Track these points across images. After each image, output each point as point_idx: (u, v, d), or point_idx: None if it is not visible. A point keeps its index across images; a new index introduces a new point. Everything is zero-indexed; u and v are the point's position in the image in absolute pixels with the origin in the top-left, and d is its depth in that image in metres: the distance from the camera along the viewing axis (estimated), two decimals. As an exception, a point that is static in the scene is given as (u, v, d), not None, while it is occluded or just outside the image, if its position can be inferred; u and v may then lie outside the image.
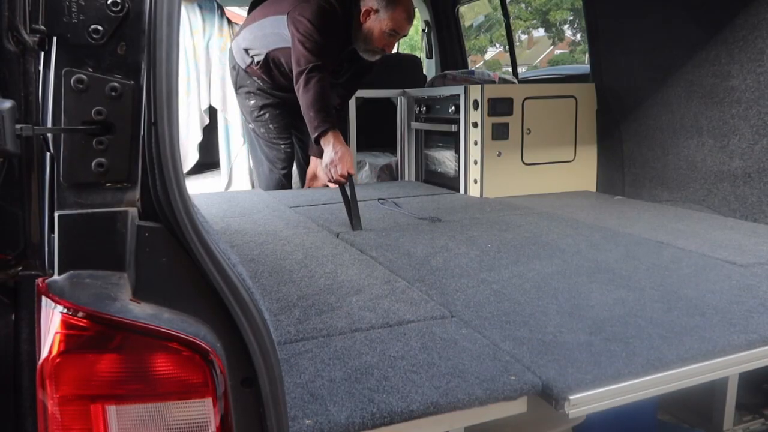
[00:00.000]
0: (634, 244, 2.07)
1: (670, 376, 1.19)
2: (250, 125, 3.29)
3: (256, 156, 3.38)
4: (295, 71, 2.79)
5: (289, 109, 3.17)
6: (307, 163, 3.36)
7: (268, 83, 3.13)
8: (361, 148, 3.74)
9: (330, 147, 2.64)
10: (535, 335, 1.31)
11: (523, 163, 3.10)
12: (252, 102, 3.19)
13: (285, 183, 3.35)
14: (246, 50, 3.11)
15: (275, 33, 2.95)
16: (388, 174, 3.97)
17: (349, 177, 2.59)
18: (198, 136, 3.84)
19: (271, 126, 3.21)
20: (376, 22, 2.84)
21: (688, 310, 1.45)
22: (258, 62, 3.07)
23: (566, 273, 1.75)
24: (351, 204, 2.40)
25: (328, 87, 2.82)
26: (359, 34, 2.89)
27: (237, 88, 3.27)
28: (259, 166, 3.36)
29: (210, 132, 3.90)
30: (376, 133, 3.85)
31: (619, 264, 1.83)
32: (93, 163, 0.73)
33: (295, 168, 3.51)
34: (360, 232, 2.29)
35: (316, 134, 2.70)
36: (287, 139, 3.28)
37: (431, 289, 1.63)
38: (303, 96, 2.74)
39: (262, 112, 3.19)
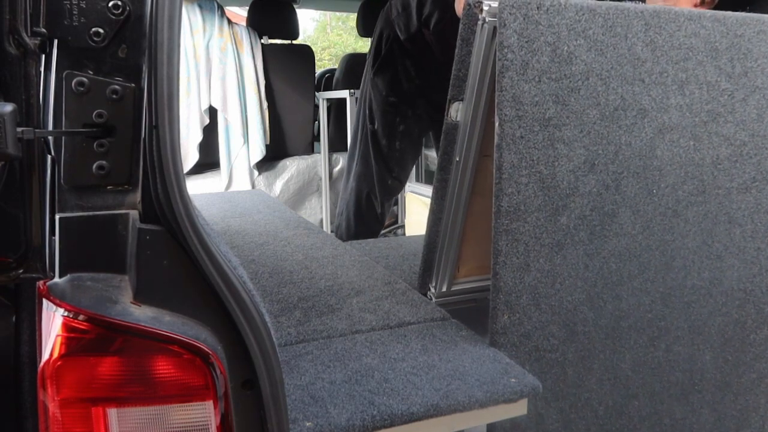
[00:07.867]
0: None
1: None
2: (370, 126, 2.40)
3: (359, 168, 2.50)
4: None
5: (419, 134, 2.43)
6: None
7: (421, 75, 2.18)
8: (334, 147, 3.84)
9: None
10: None
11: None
12: (392, 99, 2.33)
13: (377, 217, 2.55)
14: (421, 5, 2.08)
15: None
16: None
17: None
18: (198, 136, 3.83)
19: (398, 144, 2.38)
20: None
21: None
22: (437, 21, 2.04)
23: None
24: None
25: None
26: None
27: (375, 70, 2.33)
28: (358, 182, 2.51)
29: (210, 132, 3.89)
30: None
31: None
32: (94, 166, 0.73)
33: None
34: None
35: None
36: (402, 172, 2.49)
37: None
38: None
39: (398, 121, 2.32)
